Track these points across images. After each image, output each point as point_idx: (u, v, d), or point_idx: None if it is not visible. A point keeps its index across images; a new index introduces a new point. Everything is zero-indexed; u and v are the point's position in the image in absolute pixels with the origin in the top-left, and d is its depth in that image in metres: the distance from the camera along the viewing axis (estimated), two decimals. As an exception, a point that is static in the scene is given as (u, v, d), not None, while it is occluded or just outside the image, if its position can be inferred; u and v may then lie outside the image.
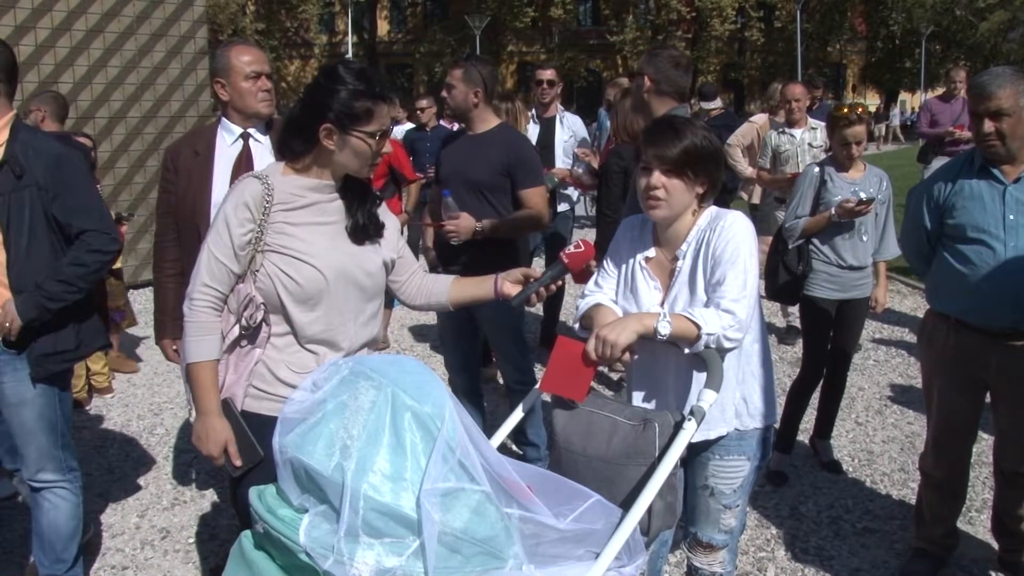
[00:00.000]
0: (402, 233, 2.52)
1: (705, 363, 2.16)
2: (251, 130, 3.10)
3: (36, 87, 8.02)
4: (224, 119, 3.15)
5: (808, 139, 6.20)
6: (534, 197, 3.85)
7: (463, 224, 3.67)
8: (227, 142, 3.12)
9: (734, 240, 2.23)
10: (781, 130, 6.30)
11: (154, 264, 3.32)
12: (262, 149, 3.09)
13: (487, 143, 3.85)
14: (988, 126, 2.87)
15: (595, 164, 6.09)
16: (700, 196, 2.31)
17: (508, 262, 3.91)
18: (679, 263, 2.33)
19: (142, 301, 7.65)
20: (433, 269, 4.12)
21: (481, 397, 4.27)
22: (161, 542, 3.74)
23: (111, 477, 4.40)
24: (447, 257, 3.90)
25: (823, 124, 5.89)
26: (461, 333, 4.05)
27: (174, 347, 3.22)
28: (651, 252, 2.40)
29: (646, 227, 2.44)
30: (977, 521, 3.74)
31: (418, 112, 8.21)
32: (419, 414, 1.65)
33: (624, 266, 2.46)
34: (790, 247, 4.15)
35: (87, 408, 5.37)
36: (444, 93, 3.92)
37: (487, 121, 3.89)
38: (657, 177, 2.25)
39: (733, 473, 2.44)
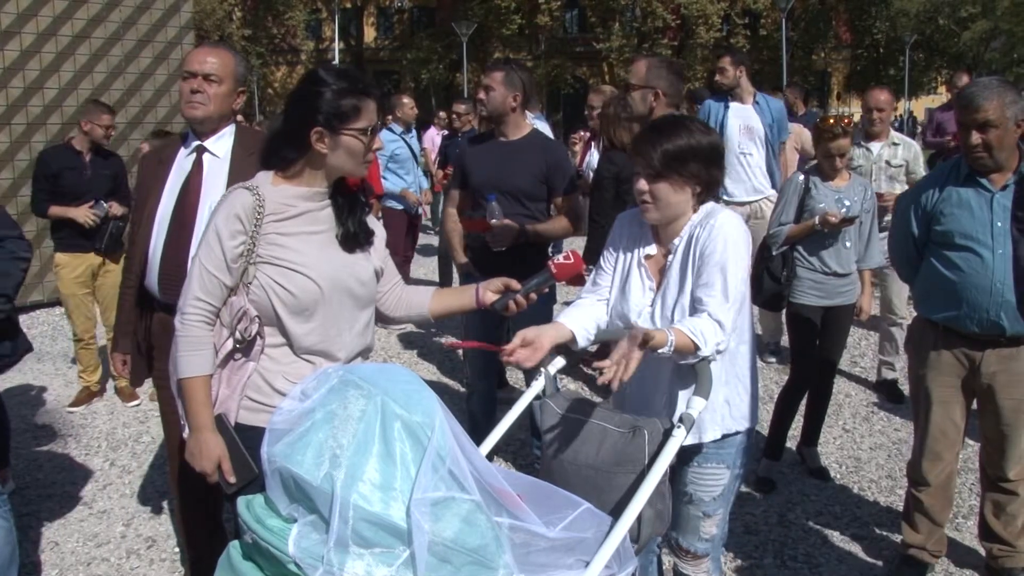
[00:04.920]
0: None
1: (694, 370, 2.17)
2: (207, 142, 2.91)
3: (21, 93, 7.98)
4: (189, 129, 3.00)
5: (887, 156, 5.23)
6: (571, 202, 3.95)
7: (508, 229, 3.72)
8: (184, 154, 2.97)
9: (725, 241, 2.23)
10: (857, 142, 5.24)
11: (122, 274, 3.28)
12: (218, 165, 2.90)
13: (524, 150, 3.87)
14: (976, 138, 2.89)
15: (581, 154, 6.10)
16: (698, 194, 2.32)
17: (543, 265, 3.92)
18: (670, 258, 2.36)
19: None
20: (466, 279, 4.07)
21: (496, 402, 4.25)
22: (147, 551, 3.71)
23: (96, 485, 4.36)
24: (482, 262, 3.89)
25: (909, 141, 5.36)
26: (486, 339, 4.03)
27: (123, 360, 3.18)
28: (651, 249, 2.41)
29: (644, 222, 2.45)
30: (964, 527, 3.76)
31: (454, 115, 8.12)
32: (409, 423, 1.64)
33: (622, 262, 2.47)
34: (774, 253, 4.17)
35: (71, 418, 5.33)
36: (480, 95, 3.88)
37: (521, 127, 3.92)
38: (643, 183, 2.30)
39: (712, 481, 2.44)
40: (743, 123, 6.04)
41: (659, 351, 2.08)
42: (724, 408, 2.39)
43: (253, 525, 1.71)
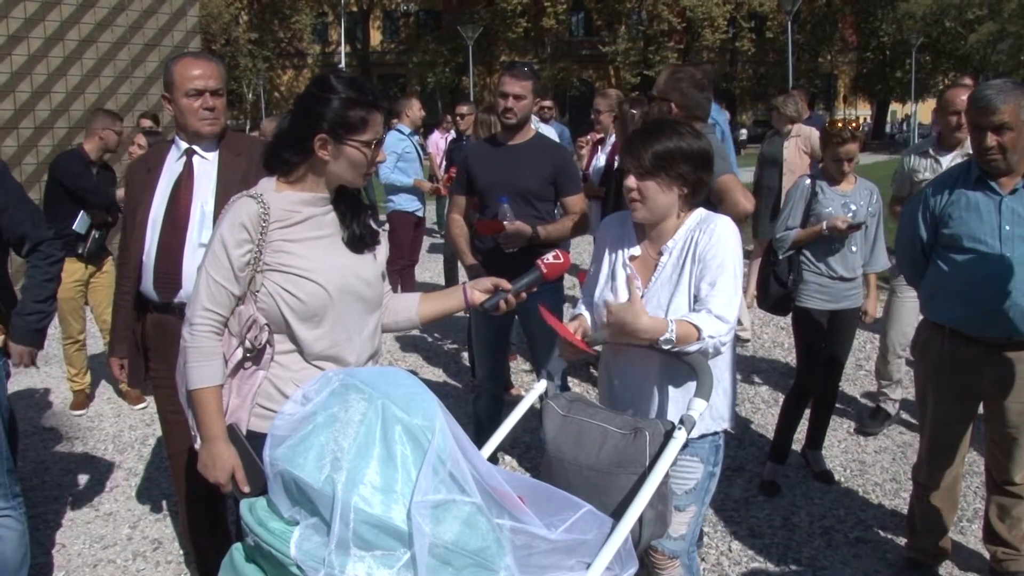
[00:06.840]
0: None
1: (693, 369, 2.19)
2: (196, 146, 2.99)
3: (28, 97, 8.03)
4: (176, 135, 3.06)
5: None
6: (579, 202, 4.00)
7: (521, 231, 3.77)
8: (174, 159, 3.03)
9: (726, 245, 2.30)
10: (924, 151, 4.64)
11: (116, 281, 3.35)
12: (207, 167, 2.99)
13: (529, 152, 3.92)
14: (992, 140, 2.89)
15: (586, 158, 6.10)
16: (684, 196, 2.36)
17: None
18: (663, 258, 2.38)
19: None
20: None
21: (502, 404, 4.26)
22: (153, 553, 3.72)
23: (102, 488, 4.38)
24: (491, 262, 3.90)
25: None
26: (496, 341, 4.11)
27: (120, 364, 3.23)
28: (636, 250, 2.45)
29: (627, 224, 2.50)
30: (969, 531, 3.75)
31: (458, 118, 8.06)
32: (409, 426, 1.65)
33: (607, 263, 2.51)
34: (780, 257, 4.17)
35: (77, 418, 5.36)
36: (509, 103, 3.86)
37: (526, 131, 3.97)
38: (632, 181, 2.34)
39: (685, 474, 2.42)
40: None
41: (662, 338, 2.14)
42: (705, 409, 2.40)
43: (255, 528, 1.72)
